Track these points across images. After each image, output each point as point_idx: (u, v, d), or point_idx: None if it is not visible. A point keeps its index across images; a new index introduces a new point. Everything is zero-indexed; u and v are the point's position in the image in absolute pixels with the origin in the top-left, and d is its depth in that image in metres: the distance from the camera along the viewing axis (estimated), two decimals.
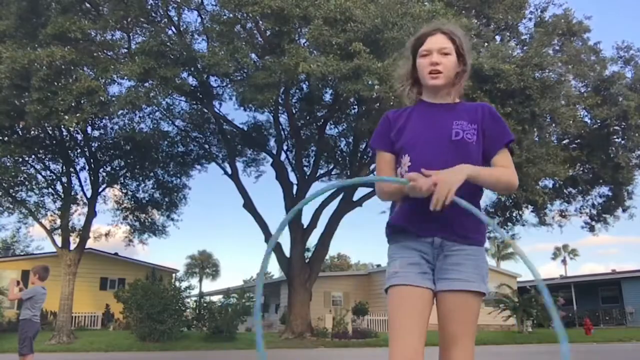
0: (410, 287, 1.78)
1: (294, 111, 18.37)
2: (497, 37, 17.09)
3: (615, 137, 17.95)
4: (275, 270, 43.69)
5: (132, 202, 20.18)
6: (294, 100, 18.30)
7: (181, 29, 15.81)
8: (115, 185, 19.83)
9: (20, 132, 16.42)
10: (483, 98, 13.43)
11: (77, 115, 12.73)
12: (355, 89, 11.96)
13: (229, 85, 16.50)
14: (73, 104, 12.76)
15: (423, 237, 1.82)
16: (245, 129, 19.19)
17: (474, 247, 1.83)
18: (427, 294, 1.79)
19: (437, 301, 1.83)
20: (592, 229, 20.20)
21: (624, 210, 19.48)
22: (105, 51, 15.36)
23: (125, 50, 15.30)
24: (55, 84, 13.04)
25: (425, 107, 1.95)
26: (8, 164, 15.80)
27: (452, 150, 1.81)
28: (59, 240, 17.77)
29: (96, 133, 18.60)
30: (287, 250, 18.59)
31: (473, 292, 1.79)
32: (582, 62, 16.49)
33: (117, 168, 19.38)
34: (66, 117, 12.59)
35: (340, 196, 18.55)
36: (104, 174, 19.13)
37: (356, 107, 17.62)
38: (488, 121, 1.89)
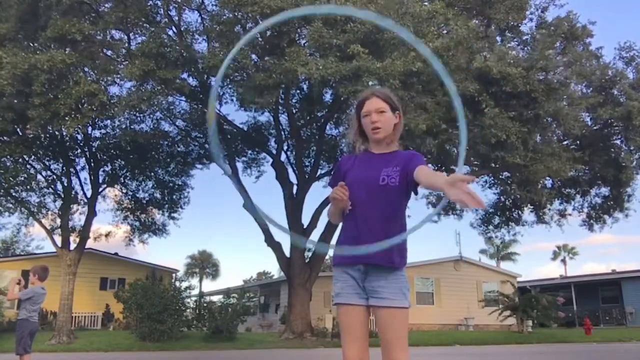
0: (350, 305, 2.32)
1: (294, 111, 18.36)
2: (498, 38, 17.04)
3: (615, 137, 17.90)
4: (275, 270, 43.69)
5: (133, 202, 20.18)
6: (294, 101, 18.29)
7: (182, 29, 15.79)
8: (116, 185, 19.83)
9: (20, 132, 16.42)
10: (489, 101, 13.42)
11: (78, 117, 12.73)
12: (355, 90, 11.94)
13: (229, 86, 16.48)
14: (73, 107, 12.75)
15: (352, 265, 2.32)
16: (246, 129, 19.20)
17: (392, 270, 2.29)
18: (363, 310, 2.34)
19: (373, 313, 2.33)
20: (590, 228, 20.19)
21: (620, 211, 19.43)
22: (104, 50, 15.35)
23: (125, 50, 15.30)
24: (56, 86, 13.03)
25: (367, 157, 2.46)
26: (8, 164, 15.79)
27: (380, 192, 2.32)
28: (59, 240, 17.76)
29: (97, 133, 18.63)
30: (287, 250, 18.60)
31: (397, 307, 2.27)
32: (584, 66, 16.44)
33: (118, 168, 19.37)
34: (67, 119, 12.59)
35: None
36: (104, 174, 19.14)
37: None
38: (406, 158, 2.36)
